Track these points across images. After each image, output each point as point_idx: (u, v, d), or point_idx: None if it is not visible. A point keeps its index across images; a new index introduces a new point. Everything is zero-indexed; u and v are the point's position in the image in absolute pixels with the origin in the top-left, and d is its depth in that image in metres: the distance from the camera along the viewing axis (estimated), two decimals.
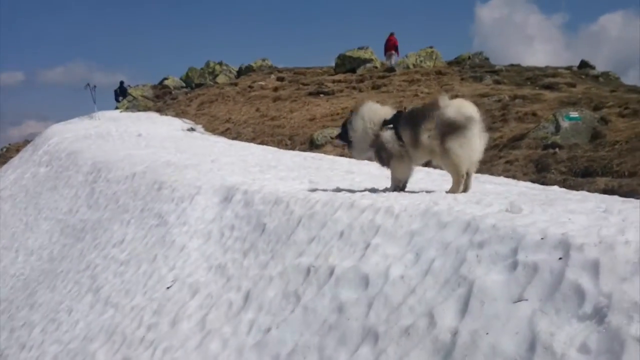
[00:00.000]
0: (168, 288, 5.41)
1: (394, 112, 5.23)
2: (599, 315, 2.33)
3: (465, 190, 5.03)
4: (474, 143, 4.74)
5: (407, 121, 4.99)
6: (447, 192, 4.95)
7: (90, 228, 9.14)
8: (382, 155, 5.17)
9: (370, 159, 5.43)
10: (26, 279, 9.07)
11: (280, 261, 4.55)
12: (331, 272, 3.88)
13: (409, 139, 4.93)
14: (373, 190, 5.33)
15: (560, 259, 2.66)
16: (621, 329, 2.20)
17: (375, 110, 5.28)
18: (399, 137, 4.98)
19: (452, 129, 4.69)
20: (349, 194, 5.03)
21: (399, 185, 5.31)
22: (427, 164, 5.74)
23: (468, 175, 5.01)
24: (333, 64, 27.68)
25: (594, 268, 2.51)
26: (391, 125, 5.05)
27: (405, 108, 5.37)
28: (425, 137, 4.80)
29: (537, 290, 2.61)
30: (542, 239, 2.84)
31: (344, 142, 5.55)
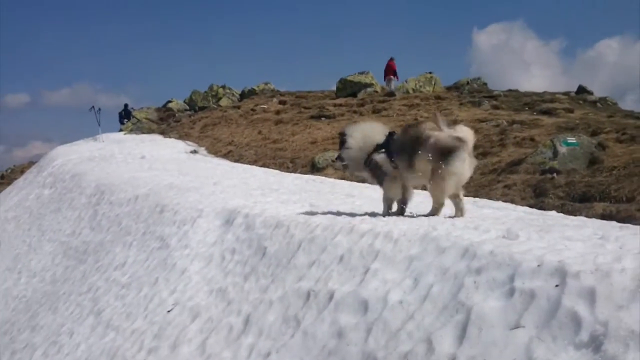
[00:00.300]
0: (169, 312, 5.42)
1: (387, 132, 5.32)
2: (595, 343, 2.35)
3: (461, 214, 5.11)
4: (463, 169, 4.83)
5: (400, 146, 5.06)
6: (426, 214, 5.08)
7: (92, 250, 9.16)
8: (376, 175, 5.28)
9: (365, 179, 5.52)
10: (28, 300, 9.06)
11: (281, 285, 4.57)
12: (331, 297, 3.91)
13: (402, 163, 5.02)
14: (373, 215, 5.37)
15: (556, 286, 2.69)
16: (617, 358, 2.22)
17: (370, 131, 5.36)
18: (391, 160, 5.07)
19: (443, 155, 4.77)
20: (349, 218, 5.07)
21: (390, 206, 5.41)
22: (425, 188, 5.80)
23: (459, 198, 5.09)
24: (334, 88, 27.91)
25: (591, 296, 2.54)
26: (383, 150, 5.14)
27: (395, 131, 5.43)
28: (419, 162, 4.90)
29: (533, 317, 2.64)
30: (538, 266, 2.88)
31: (341, 161, 5.64)
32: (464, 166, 4.82)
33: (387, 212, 5.39)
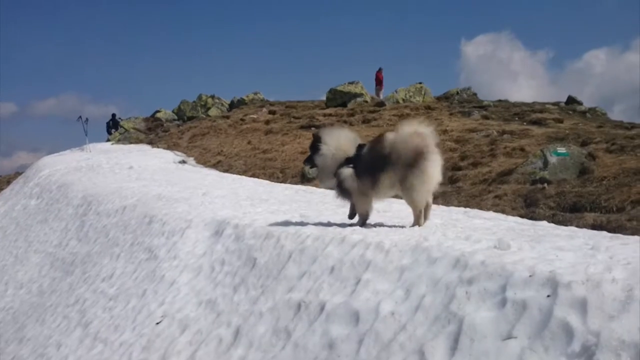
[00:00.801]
0: (157, 323, 5.36)
1: (357, 143, 5.28)
2: (587, 354, 2.35)
3: (425, 219, 5.14)
4: (432, 174, 4.83)
5: (366, 164, 5.06)
6: (410, 226, 5.07)
7: (80, 262, 9.06)
8: (343, 189, 5.24)
9: (332, 188, 5.49)
10: (15, 312, 8.94)
11: (271, 296, 4.54)
12: (322, 308, 3.88)
13: (367, 182, 5.03)
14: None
15: (548, 296, 2.69)
16: None
17: (343, 141, 5.32)
18: (358, 177, 5.07)
19: (411, 162, 4.78)
20: (340, 229, 5.06)
21: (366, 219, 5.40)
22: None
23: (427, 204, 5.10)
24: (324, 98, 27.98)
25: (582, 306, 2.54)
26: (351, 165, 5.12)
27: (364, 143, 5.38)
28: (385, 180, 4.93)
29: (525, 327, 2.64)
30: (530, 276, 2.88)
31: (311, 166, 5.58)
32: (435, 168, 4.84)
33: (363, 224, 5.38)
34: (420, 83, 26.26)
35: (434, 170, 4.82)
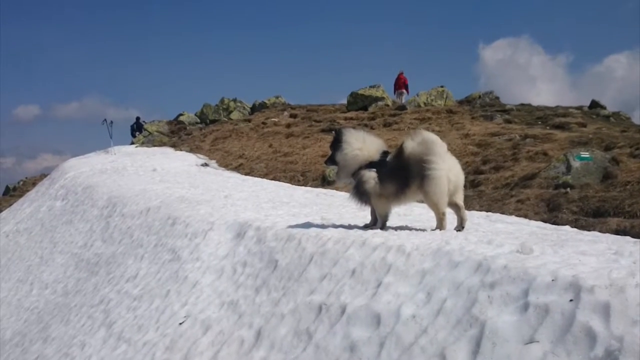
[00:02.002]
0: (180, 324, 5.43)
1: (382, 150, 5.30)
2: (610, 358, 2.34)
3: (461, 223, 5.12)
4: (443, 177, 4.83)
5: (390, 173, 5.08)
6: (433, 229, 5.08)
7: (104, 262, 9.20)
8: (362, 191, 5.24)
9: (347, 188, 5.48)
10: (40, 312, 9.10)
11: (292, 298, 4.57)
12: (343, 311, 3.91)
13: (392, 190, 5.05)
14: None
15: (571, 300, 2.68)
16: None
17: (367, 144, 5.33)
18: (381, 182, 5.09)
19: (421, 173, 4.81)
20: (360, 232, 5.08)
21: (386, 221, 5.41)
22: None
23: (458, 207, 5.09)
24: (345, 102, 27.99)
25: (605, 310, 2.53)
26: (375, 169, 5.14)
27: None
28: (408, 193, 5.00)
29: (548, 331, 2.63)
30: (553, 280, 2.87)
31: (332, 164, 5.60)
32: (445, 171, 4.83)
33: (384, 226, 5.39)
34: (442, 87, 26.06)
35: (445, 173, 4.83)
